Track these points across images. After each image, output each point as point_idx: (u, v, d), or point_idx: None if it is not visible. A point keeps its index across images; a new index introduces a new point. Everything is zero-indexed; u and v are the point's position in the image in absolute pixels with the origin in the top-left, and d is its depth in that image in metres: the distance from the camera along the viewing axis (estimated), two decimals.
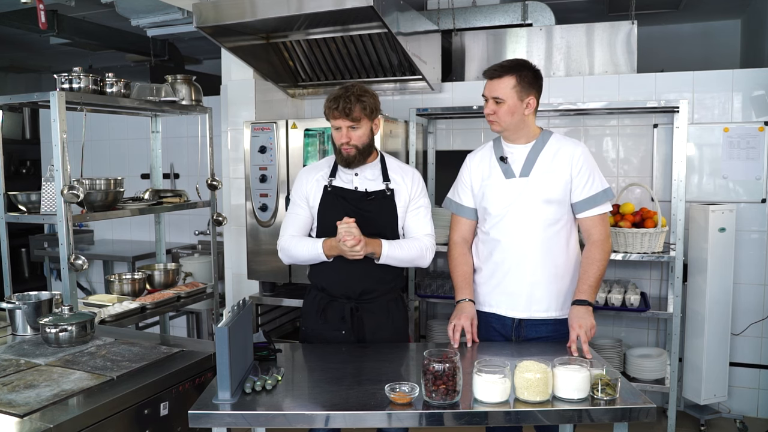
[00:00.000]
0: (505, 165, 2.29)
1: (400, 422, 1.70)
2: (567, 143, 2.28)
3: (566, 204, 2.26)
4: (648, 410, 1.70)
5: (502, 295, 2.30)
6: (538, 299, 2.26)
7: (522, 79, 2.20)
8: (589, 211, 2.25)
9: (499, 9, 4.12)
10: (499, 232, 2.28)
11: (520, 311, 2.28)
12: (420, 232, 2.36)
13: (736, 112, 3.53)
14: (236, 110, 3.93)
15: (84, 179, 2.77)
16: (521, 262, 2.25)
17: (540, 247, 2.24)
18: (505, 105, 2.20)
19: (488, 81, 2.25)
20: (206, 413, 1.68)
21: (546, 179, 2.23)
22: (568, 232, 2.28)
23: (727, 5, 5.00)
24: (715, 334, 3.38)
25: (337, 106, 2.22)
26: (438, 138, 4.07)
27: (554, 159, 2.25)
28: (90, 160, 4.32)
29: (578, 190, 2.24)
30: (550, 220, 2.24)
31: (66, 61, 6.62)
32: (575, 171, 2.23)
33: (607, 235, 2.27)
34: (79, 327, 2.17)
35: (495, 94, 2.21)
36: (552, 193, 2.23)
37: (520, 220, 2.25)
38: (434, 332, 3.80)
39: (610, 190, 2.27)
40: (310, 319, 2.40)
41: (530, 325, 2.29)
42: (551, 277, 2.25)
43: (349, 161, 2.30)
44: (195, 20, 3.19)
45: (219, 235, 4.07)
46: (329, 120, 2.28)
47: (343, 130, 2.26)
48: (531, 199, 2.23)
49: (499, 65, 2.25)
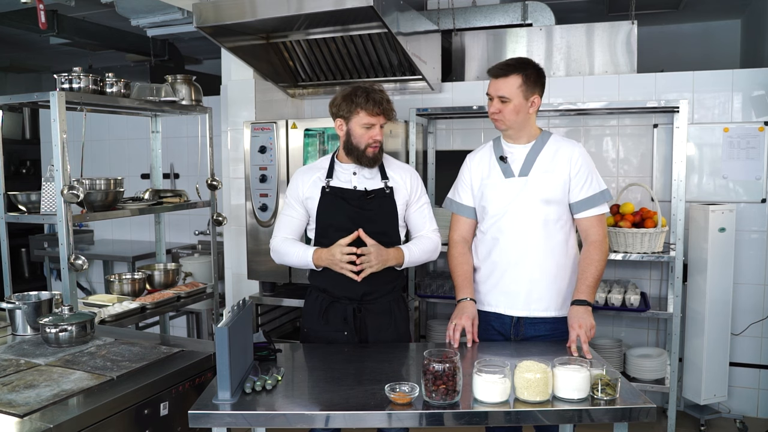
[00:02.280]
0: (504, 164, 2.30)
1: (400, 422, 1.70)
2: (566, 144, 2.29)
3: (565, 204, 2.26)
4: (648, 410, 1.70)
5: (501, 294, 2.31)
6: (537, 298, 2.27)
7: (527, 78, 2.21)
8: (587, 212, 2.26)
9: (499, 9, 4.12)
10: (498, 231, 2.29)
11: (519, 309, 2.28)
12: (427, 228, 2.42)
13: (736, 112, 3.53)
14: (236, 110, 3.93)
15: (84, 179, 2.77)
16: (520, 261, 2.26)
17: (538, 246, 2.24)
18: (510, 104, 2.21)
19: (493, 79, 2.24)
20: (206, 413, 1.68)
21: (545, 179, 2.24)
22: (567, 232, 2.29)
23: (727, 5, 5.00)
24: (715, 334, 3.38)
25: (380, 104, 2.23)
26: (438, 138, 4.07)
27: (553, 159, 2.25)
28: (90, 160, 4.32)
29: (576, 190, 2.25)
30: (548, 220, 2.24)
31: (66, 61, 6.62)
32: (573, 171, 2.24)
33: (604, 235, 2.27)
34: (79, 327, 2.17)
35: (500, 93, 2.21)
36: (550, 192, 2.23)
37: (518, 219, 2.25)
38: (434, 332, 3.80)
39: (608, 191, 2.28)
40: (312, 321, 2.39)
41: (529, 323, 2.29)
42: (550, 276, 2.26)
43: (376, 159, 2.31)
44: (195, 20, 3.19)
45: (219, 235, 4.07)
46: (356, 117, 2.25)
47: (377, 128, 2.26)
48: (529, 198, 2.24)
49: (504, 64, 2.25)
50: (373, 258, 2.22)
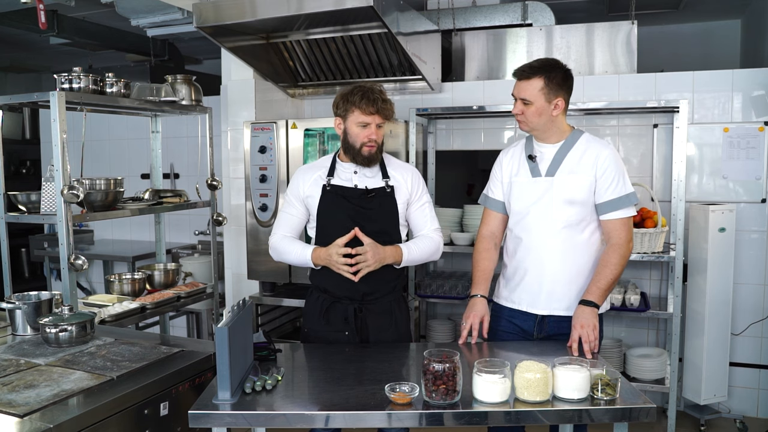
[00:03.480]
0: (533, 163, 2.30)
1: (400, 422, 1.70)
2: (595, 144, 2.27)
3: (589, 205, 2.24)
4: (648, 410, 1.70)
5: (524, 292, 2.32)
6: (559, 298, 2.27)
7: (550, 80, 2.19)
8: (612, 214, 2.23)
9: (499, 9, 4.12)
10: (522, 230, 2.31)
11: (541, 309, 2.30)
12: (429, 227, 2.42)
13: (736, 112, 3.53)
14: (236, 110, 3.93)
15: (84, 179, 2.77)
16: (541, 261, 2.27)
17: (560, 246, 2.24)
18: (532, 107, 2.20)
19: (517, 81, 2.24)
20: (206, 413, 1.68)
21: (570, 180, 2.23)
22: (591, 233, 2.27)
23: (727, 5, 5.00)
24: (715, 334, 3.38)
25: (375, 102, 2.23)
26: (438, 138, 4.07)
27: (581, 160, 2.24)
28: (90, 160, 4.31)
29: (602, 191, 2.23)
30: (571, 221, 2.23)
31: (66, 61, 6.62)
32: (600, 172, 2.22)
33: (627, 239, 2.23)
34: (79, 327, 2.17)
35: (523, 95, 2.21)
36: (575, 193, 2.22)
37: (541, 219, 2.26)
38: (434, 332, 3.80)
39: (635, 194, 2.25)
40: (313, 321, 2.39)
41: (553, 321, 2.30)
42: (572, 276, 2.26)
43: (372, 159, 2.30)
44: (195, 20, 3.19)
45: (219, 235, 4.07)
46: (351, 115, 2.25)
47: (372, 127, 2.26)
48: (553, 199, 2.24)
49: (528, 65, 2.24)
50: (369, 257, 2.21)
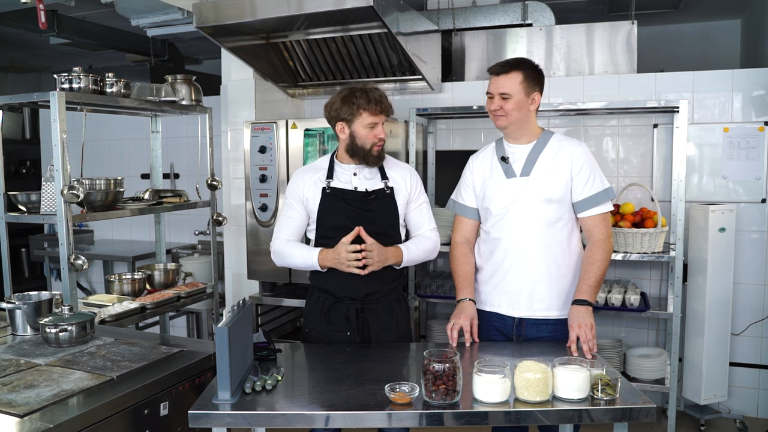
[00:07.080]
0: (506, 165, 2.30)
1: (401, 422, 1.70)
2: (568, 143, 2.29)
3: (567, 203, 2.26)
4: (648, 410, 1.70)
5: (503, 294, 2.31)
6: (539, 298, 2.26)
7: (527, 75, 2.23)
8: (590, 211, 2.26)
9: (499, 9, 4.12)
10: (500, 231, 2.29)
11: (521, 310, 2.28)
12: (426, 227, 2.43)
13: (736, 112, 3.53)
14: (236, 110, 3.93)
15: (84, 179, 2.77)
16: (522, 260, 2.26)
17: (540, 246, 2.24)
18: (512, 100, 2.22)
19: (494, 77, 2.26)
20: (206, 413, 1.68)
21: (546, 178, 2.24)
22: (570, 232, 2.28)
23: (727, 5, 5.00)
24: (715, 334, 3.38)
25: (380, 102, 2.25)
26: (438, 138, 4.07)
27: (555, 158, 2.25)
28: (90, 160, 4.32)
29: (578, 189, 2.24)
30: (550, 220, 2.24)
31: (66, 61, 6.62)
32: (575, 170, 2.24)
33: (608, 234, 2.27)
34: (79, 327, 2.17)
35: (502, 89, 2.22)
36: (552, 192, 2.23)
37: (520, 219, 2.25)
38: (434, 332, 3.80)
39: (612, 189, 2.28)
40: (314, 321, 2.38)
41: (531, 324, 2.29)
42: (552, 276, 2.26)
43: (381, 157, 2.32)
44: (195, 20, 3.19)
45: (219, 235, 4.07)
46: (359, 118, 2.25)
47: (380, 126, 2.28)
48: (531, 198, 2.24)
49: (505, 62, 2.27)
50: (375, 255, 2.22)
